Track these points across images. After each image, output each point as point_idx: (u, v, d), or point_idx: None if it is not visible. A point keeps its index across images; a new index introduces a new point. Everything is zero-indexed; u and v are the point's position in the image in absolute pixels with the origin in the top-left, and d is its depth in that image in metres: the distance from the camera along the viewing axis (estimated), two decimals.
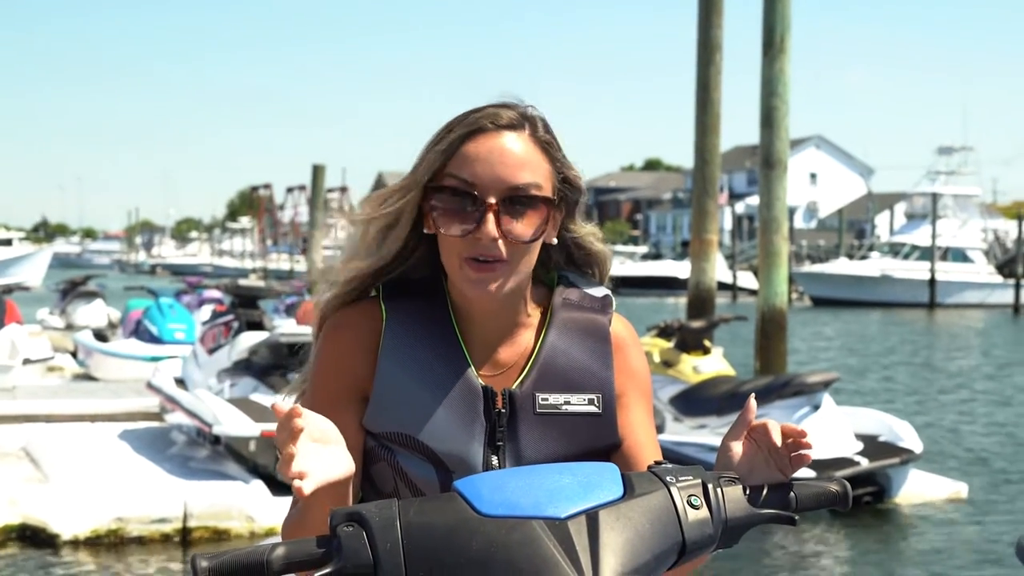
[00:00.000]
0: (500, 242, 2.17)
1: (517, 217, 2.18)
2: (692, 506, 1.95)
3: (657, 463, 2.04)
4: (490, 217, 2.16)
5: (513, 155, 2.19)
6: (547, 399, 2.24)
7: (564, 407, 2.25)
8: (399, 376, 2.24)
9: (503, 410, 2.23)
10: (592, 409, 2.26)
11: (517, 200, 2.18)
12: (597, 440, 2.26)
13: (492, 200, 2.17)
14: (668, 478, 1.97)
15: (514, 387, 2.24)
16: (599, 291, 2.36)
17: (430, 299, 2.30)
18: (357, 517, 1.87)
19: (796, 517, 2.06)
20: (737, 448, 2.09)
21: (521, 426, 2.23)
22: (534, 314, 2.32)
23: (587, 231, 2.36)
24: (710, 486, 1.98)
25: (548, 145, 2.25)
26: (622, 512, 1.90)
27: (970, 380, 24.07)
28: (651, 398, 2.40)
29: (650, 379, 2.40)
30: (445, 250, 2.22)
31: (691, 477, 1.98)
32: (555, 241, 2.30)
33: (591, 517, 1.88)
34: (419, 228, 2.27)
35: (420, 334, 2.26)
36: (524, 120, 2.24)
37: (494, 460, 2.21)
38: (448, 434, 2.20)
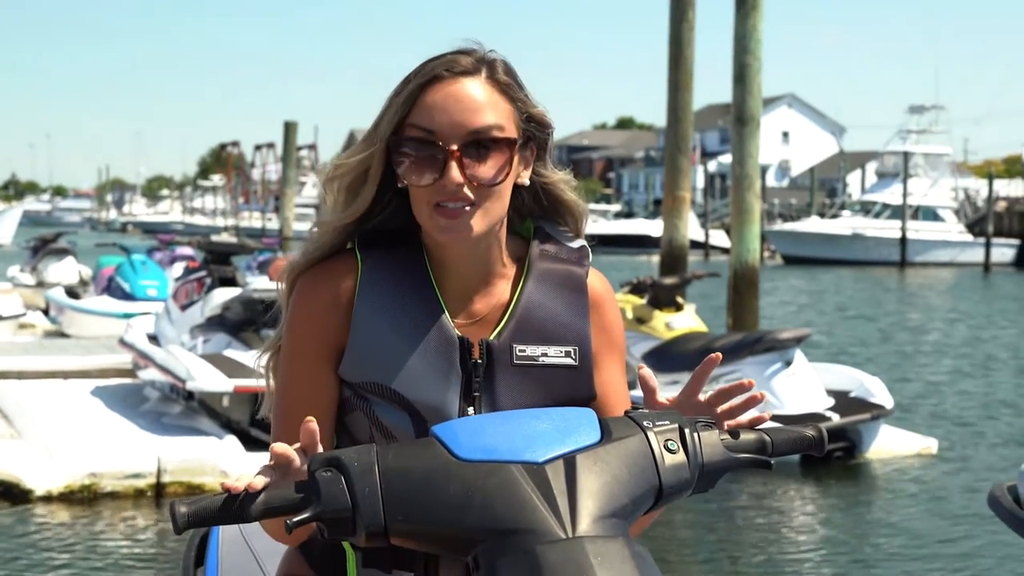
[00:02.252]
0: (466, 187, 2.18)
1: (480, 160, 2.19)
2: (669, 450, 1.97)
3: (634, 408, 2.05)
4: (453, 164, 2.17)
5: (471, 99, 2.19)
6: (524, 351, 2.25)
7: (541, 359, 2.26)
8: (375, 325, 2.24)
9: (479, 361, 2.23)
10: (569, 361, 2.27)
11: (479, 143, 2.19)
12: (573, 392, 2.27)
13: (454, 147, 2.17)
14: (645, 423, 1.99)
15: (491, 338, 2.25)
16: (576, 242, 2.36)
17: (406, 249, 2.30)
18: (335, 462, 1.89)
19: (772, 462, 2.08)
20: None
21: (498, 377, 2.23)
22: (510, 265, 2.32)
23: (558, 178, 2.35)
24: (687, 431, 2.00)
25: (507, 87, 2.24)
26: (599, 456, 1.92)
27: (940, 337, 24.21)
28: (624, 355, 2.43)
29: (624, 336, 2.42)
30: (415, 200, 2.22)
31: (668, 422, 2.00)
32: (527, 182, 2.30)
33: (568, 461, 1.90)
34: (390, 182, 2.27)
35: (396, 283, 2.26)
36: (481, 64, 2.24)
37: (470, 411, 2.21)
38: (424, 384, 2.20)
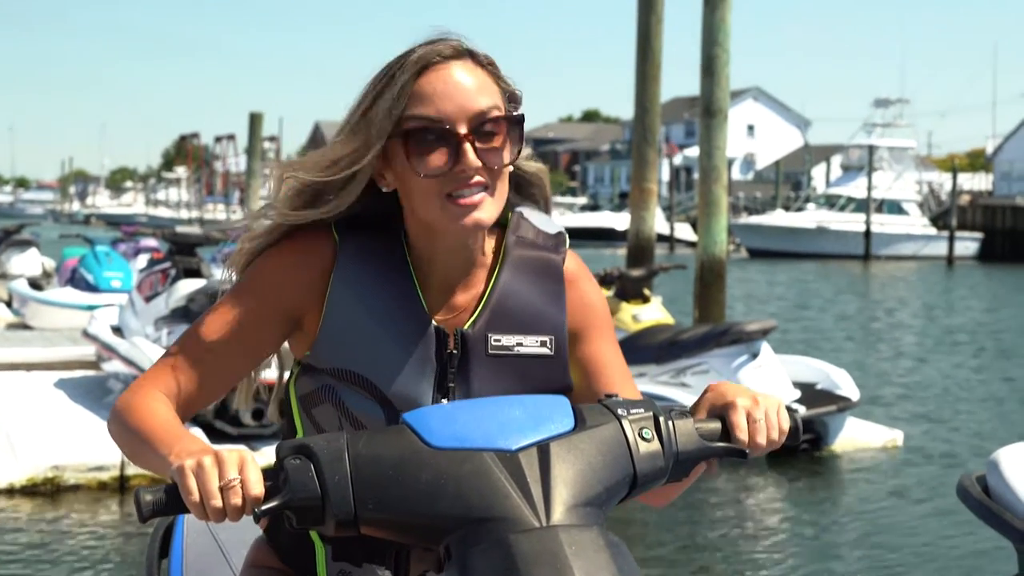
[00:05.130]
0: (480, 171, 2.13)
1: (489, 143, 2.15)
2: (643, 439, 1.95)
3: (608, 396, 2.03)
4: (467, 147, 2.12)
5: (469, 83, 2.16)
6: (499, 340, 2.20)
7: (516, 349, 2.21)
8: (350, 312, 2.18)
9: (455, 351, 2.19)
10: (544, 351, 2.23)
11: (485, 126, 2.14)
12: (548, 382, 2.23)
13: (464, 130, 2.12)
14: (619, 411, 1.96)
15: (466, 327, 2.20)
16: (552, 228, 2.32)
17: (385, 237, 2.24)
18: (305, 450, 1.85)
19: (747, 451, 2.05)
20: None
21: (472, 368, 2.19)
22: (489, 254, 2.28)
23: (526, 153, 2.34)
24: (661, 419, 1.98)
25: (492, 66, 2.23)
26: (573, 444, 1.89)
27: (904, 329, 24.33)
28: (612, 326, 2.37)
29: (608, 308, 2.37)
30: (421, 193, 2.16)
31: (642, 410, 1.98)
32: (511, 166, 2.26)
33: (542, 449, 1.87)
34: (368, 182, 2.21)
35: (373, 271, 2.21)
36: (463, 49, 2.20)
37: (444, 403, 2.16)
38: (397, 374, 2.16)
